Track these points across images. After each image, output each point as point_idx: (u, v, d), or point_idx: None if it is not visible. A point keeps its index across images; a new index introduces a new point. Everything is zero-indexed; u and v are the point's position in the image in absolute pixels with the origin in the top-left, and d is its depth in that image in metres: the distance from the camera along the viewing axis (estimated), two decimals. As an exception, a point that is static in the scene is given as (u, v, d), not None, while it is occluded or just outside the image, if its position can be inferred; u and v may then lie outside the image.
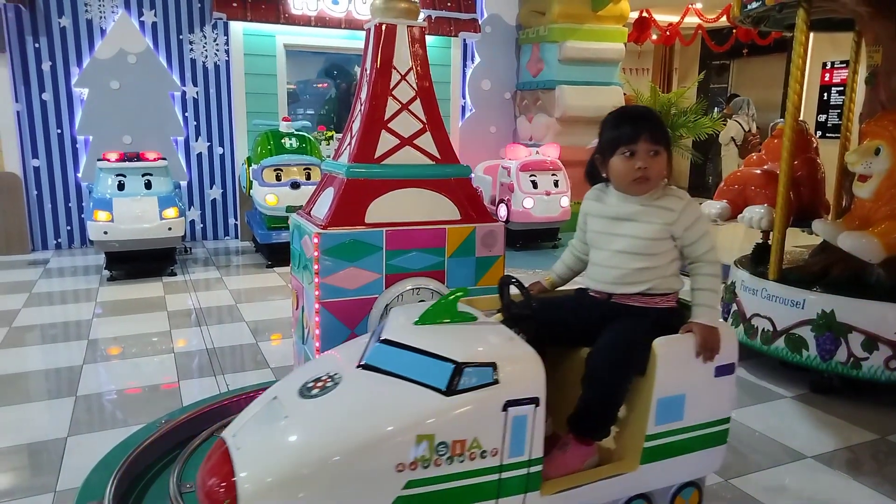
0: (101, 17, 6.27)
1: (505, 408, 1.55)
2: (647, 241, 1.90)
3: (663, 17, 9.72)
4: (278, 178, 5.68)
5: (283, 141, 5.83)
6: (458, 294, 1.77)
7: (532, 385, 1.58)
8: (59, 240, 6.48)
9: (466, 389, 1.53)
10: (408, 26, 2.25)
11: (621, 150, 1.89)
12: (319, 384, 1.62)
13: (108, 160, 5.30)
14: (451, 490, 1.52)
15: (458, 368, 1.54)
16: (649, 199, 1.91)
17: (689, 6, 9.29)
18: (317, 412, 1.55)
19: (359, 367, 1.65)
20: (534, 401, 1.58)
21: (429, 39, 6.63)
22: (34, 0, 6.01)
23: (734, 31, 9.53)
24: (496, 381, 1.55)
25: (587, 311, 1.98)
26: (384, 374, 1.60)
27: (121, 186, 5.22)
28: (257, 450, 1.50)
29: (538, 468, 1.63)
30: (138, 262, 5.31)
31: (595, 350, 1.84)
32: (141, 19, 6.41)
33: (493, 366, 1.56)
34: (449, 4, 7.19)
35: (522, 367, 1.60)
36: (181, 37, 6.57)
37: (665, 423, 1.82)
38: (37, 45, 6.09)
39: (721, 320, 1.93)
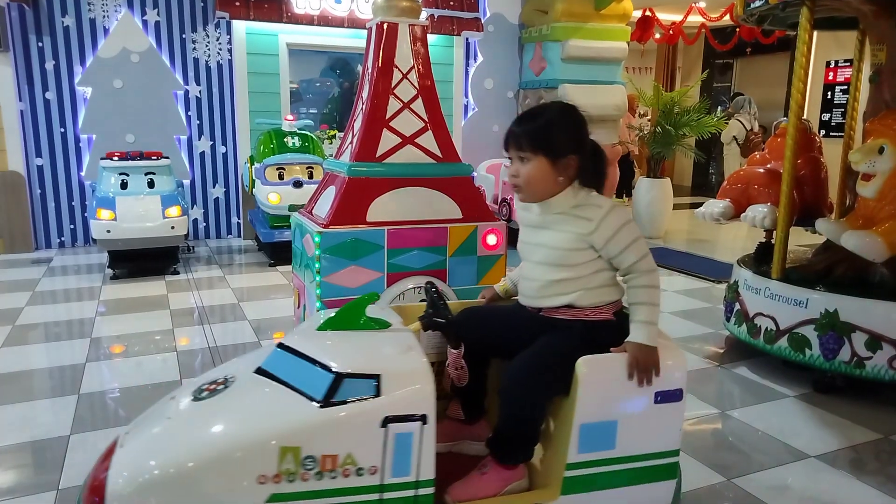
0: (104, 16, 6.28)
1: (385, 423, 1.45)
2: (562, 252, 1.76)
3: (666, 16, 9.71)
4: (281, 176, 5.69)
5: (285, 140, 5.84)
6: (366, 300, 1.70)
7: (419, 401, 1.47)
8: (63, 238, 6.50)
9: (344, 402, 1.45)
10: (409, 25, 2.25)
11: (507, 157, 1.82)
12: (212, 387, 1.57)
13: (111, 159, 5.31)
14: None
15: (338, 379, 1.47)
16: (566, 207, 1.77)
17: (693, 5, 9.28)
18: (195, 415, 1.51)
19: (255, 371, 1.60)
20: (421, 418, 1.47)
21: (431, 38, 6.64)
22: (37, -1, 6.03)
23: (737, 29, 9.51)
24: (377, 395, 1.46)
25: (519, 324, 1.86)
26: (274, 380, 1.54)
27: (124, 185, 5.23)
28: (133, 449, 1.48)
29: (428, 490, 1.51)
30: (141, 261, 5.32)
31: (511, 365, 1.72)
32: (144, 18, 6.42)
33: (376, 378, 1.47)
34: (451, 3, 7.18)
35: (410, 382, 1.49)
36: (184, 36, 6.58)
37: (591, 451, 1.64)
38: (40, 44, 6.11)
39: (666, 340, 1.73)
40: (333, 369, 1.48)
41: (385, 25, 2.24)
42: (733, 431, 2.88)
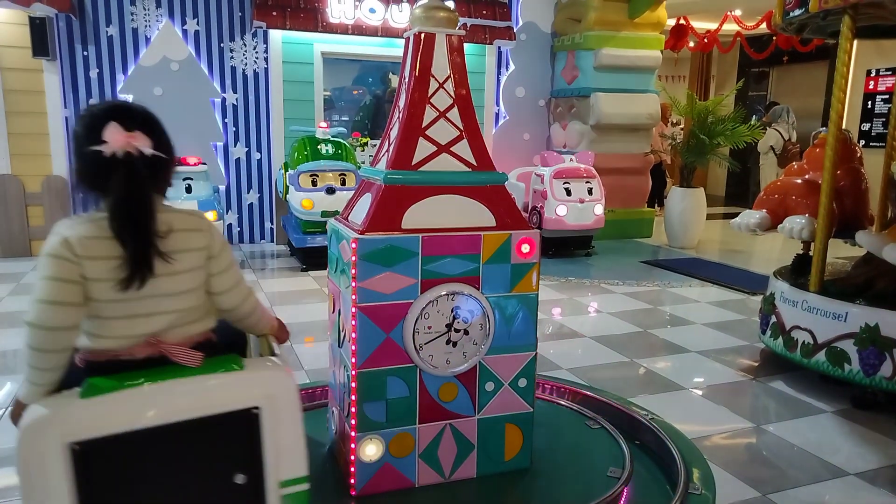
0: (146, 26, 6.47)
1: None
2: None
3: (701, 24, 9.61)
4: (314, 183, 5.77)
5: (319, 147, 5.92)
6: None
7: None
8: (103, 241, 6.67)
9: None
10: (446, 35, 2.27)
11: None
12: None
13: (151, 164, 5.44)
14: None
15: None
16: None
17: (728, 13, 9.16)
18: None
19: None
20: None
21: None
22: (83, 9, 6.24)
23: (774, 37, 9.36)
24: None
25: None
26: None
27: (162, 190, 5.36)
28: None
29: None
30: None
31: None
32: (184, 28, 6.59)
33: None
34: (484, 12, 7.22)
35: None
36: (222, 45, 6.73)
37: None
38: (85, 53, 6.31)
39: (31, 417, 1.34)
40: None
41: (422, 36, 2.26)
42: (768, 446, 2.83)
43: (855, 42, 3.43)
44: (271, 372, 1.57)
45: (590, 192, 6.46)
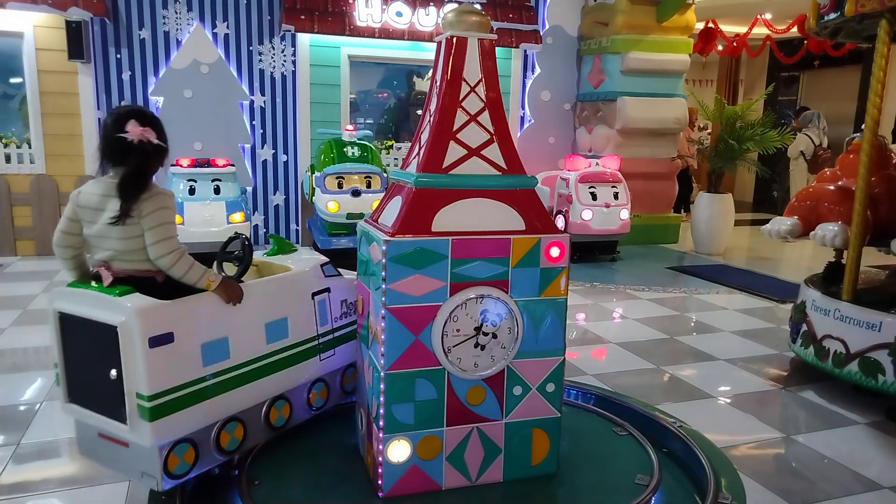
0: (177, 29, 6.57)
1: None
2: None
3: (730, 28, 9.49)
4: (340, 185, 5.81)
5: (345, 149, 5.97)
6: None
7: None
8: (132, 240, 6.78)
9: None
10: (478, 39, 2.28)
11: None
12: None
13: (181, 166, 5.54)
14: None
15: None
16: None
17: (758, 17, 9.04)
18: None
19: None
20: None
21: (490, 50, 6.68)
22: (118, 13, 6.36)
23: (805, 41, 9.21)
24: None
25: None
26: None
27: (192, 191, 5.45)
28: None
29: None
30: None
31: None
32: (214, 31, 6.68)
33: None
34: (511, 16, 7.22)
35: None
36: (251, 48, 6.82)
37: None
38: (118, 56, 6.44)
39: None
40: None
41: (455, 39, 2.27)
42: (798, 457, 2.79)
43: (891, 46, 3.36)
44: (123, 304, 1.97)
45: (615, 196, 6.42)
